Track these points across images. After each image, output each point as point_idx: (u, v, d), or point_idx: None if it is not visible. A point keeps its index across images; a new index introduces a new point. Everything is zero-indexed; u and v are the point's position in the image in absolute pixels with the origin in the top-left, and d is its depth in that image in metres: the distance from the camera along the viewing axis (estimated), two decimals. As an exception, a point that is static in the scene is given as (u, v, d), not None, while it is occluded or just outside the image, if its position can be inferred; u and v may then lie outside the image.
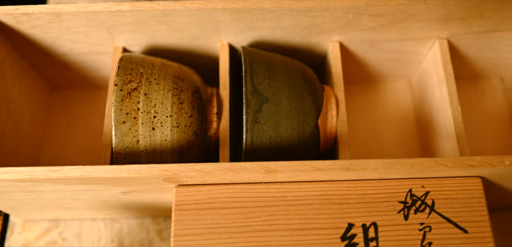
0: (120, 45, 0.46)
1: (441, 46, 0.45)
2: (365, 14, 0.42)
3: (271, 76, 0.40)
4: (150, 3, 0.41)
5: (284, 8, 0.41)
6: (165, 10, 0.41)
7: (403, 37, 0.45)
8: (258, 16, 0.42)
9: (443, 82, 0.44)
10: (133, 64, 0.41)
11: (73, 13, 0.42)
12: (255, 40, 0.45)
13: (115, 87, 0.39)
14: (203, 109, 0.42)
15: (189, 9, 0.41)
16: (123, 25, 0.43)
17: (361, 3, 0.40)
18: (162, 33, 0.44)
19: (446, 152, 0.43)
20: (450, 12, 0.41)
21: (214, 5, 0.41)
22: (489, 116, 0.52)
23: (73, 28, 0.44)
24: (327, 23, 0.43)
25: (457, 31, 0.44)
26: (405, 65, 0.50)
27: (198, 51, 0.47)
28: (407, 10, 0.41)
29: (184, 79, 0.41)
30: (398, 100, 0.52)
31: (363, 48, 0.47)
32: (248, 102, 0.38)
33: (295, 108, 0.39)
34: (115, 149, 0.39)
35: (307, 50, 0.47)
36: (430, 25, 0.43)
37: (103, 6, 0.41)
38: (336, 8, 0.41)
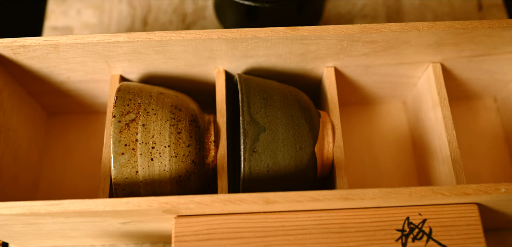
0: (117, 73, 0.47)
1: (435, 69, 0.45)
2: (359, 41, 0.42)
3: (268, 105, 0.40)
4: (147, 33, 0.42)
5: (279, 37, 0.41)
6: (161, 40, 0.42)
7: (397, 61, 0.46)
8: (253, 45, 0.43)
9: (437, 106, 0.44)
10: (130, 94, 0.41)
11: (70, 45, 0.42)
12: (251, 67, 0.46)
13: (114, 119, 0.39)
14: (200, 138, 0.42)
15: (185, 39, 0.42)
16: (120, 55, 0.44)
17: (355, 30, 0.41)
18: (159, 62, 0.45)
19: (442, 175, 0.44)
20: (442, 38, 0.42)
21: (210, 35, 0.41)
22: (484, 135, 0.52)
23: (71, 58, 0.44)
24: (322, 50, 0.44)
25: (450, 55, 0.45)
26: (400, 87, 0.50)
27: (195, 78, 0.48)
28: (400, 37, 0.42)
29: (181, 108, 0.42)
30: (393, 122, 0.53)
31: (357, 73, 0.47)
32: (245, 132, 0.39)
33: (292, 137, 0.40)
34: (114, 180, 0.39)
35: (302, 75, 0.48)
36: (423, 50, 0.44)
37: (100, 37, 0.42)
38: (330, 36, 0.41)
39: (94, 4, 0.61)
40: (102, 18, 0.60)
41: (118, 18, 0.60)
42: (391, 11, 0.59)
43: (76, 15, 0.60)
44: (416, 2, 0.59)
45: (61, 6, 0.61)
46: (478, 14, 0.58)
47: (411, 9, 0.58)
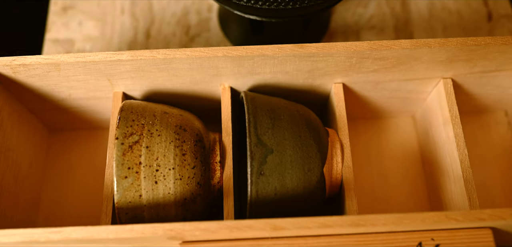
0: (120, 90, 0.46)
1: (446, 85, 0.44)
2: (368, 58, 0.41)
3: (275, 125, 0.39)
4: (150, 51, 0.41)
5: (286, 54, 0.40)
6: (165, 58, 0.41)
7: (407, 77, 0.45)
8: (259, 62, 0.41)
9: (448, 123, 0.43)
10: (134, 114, 0.40)
11: (72, 63, 0.41)
12: (257, 84, 0.45)
13: (116, 141, 0.38)
14: (206, 159, 0.41)
15: (189, 57, 0.40)
16: (122, 72, 0.43)
17: (365, 47, 0.40)
18: (162, 79, 0.44)
19: (454, 195, 0.42)
20: (454, 55, 0.41)
21: (215, 53, 0.40)
22: (495, 149, 0.51)
23: (72, 76, 0.43)
24: (330, 67, 0.42)
25: (461, 71, 0.44)
26: (409, 102, 0.49)
27: (200, 94, 0.46)
28: (411, 54, 0.41)
29: (186, 128, 0.41)
30: (403, 136, 0.52)
31: (366, 88, 0.46)
32: (252, 155, 0.38)
33: (300, 158, 0.39)
34: (117, 204, 0.38)
35: (310, 91, 0.46)
36: (434, 67, 0.43)
37: (102, 56, 0.41)
38: (339, 53, 0.40)
39: (96, 16, 0.60)
40: (104, 30, 0.59)
41: (121, 30, 0.59)
42: (399, 23, 0.57)
43: (77, 27, 0.59)
44: (424, 13, 0.58)
45: (62, 18, 0.60)
46: (487, 25, 0.57)
47: (419, 21, 0.57)
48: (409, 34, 0.57)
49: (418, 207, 0.48)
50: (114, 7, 0.60)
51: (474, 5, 0.58)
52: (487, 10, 0.58)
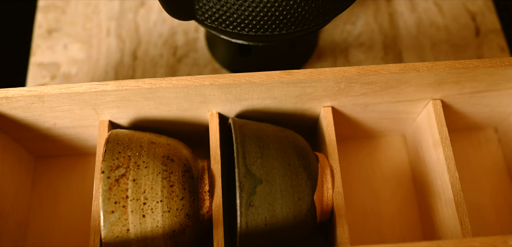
0: (106, 119, 0.45)
1: (435, 106, 0.44)
2: (357, 83, 0.41)
3: (264, 154, 0.39)
4: (135, 81, 0.40)
5: (273, 81, 0.40)
6: (151, 88, 0.40)
7: (396, 99, 0.44)
8: (247, 89, 0.41)
9: (438, 145, 0.43)
10: (120, 146, 0.39)
11: (55, 95, 0.40)
12: (245, 109, 0.44)
13: (102, 175, 0.37)
14: (194, 189, 0.40)
15: (176, 86, 0.40)
16: (108, 102, 0.42)
17: (353, 73, 0.40)
18: (149, 107, 0.43)
19: (445, 218, 0.42)
20: (443, 78, 0.41)
21: (202, 81, 0.40)
22: (485, 166, 0.51)
23: (56, 107, 0.42)
24: (319, 92, 0.42)
25: (451, 92, 0.44)
26: (399, 122, 0.49)
27: (187, 120, 0.46)
28: (399, 78, 0.40)
29: (173, 158, 0.40)
30: (393, 156, 0.51)
31: (355, 110, 0.46)
32: (241, 186, 0.37)
33: (290, 187, 0.38)
34: (104, 239, 0.37)
35: (299, 114, 0.46)
36: (423, 89, 0.42)
37: (86, 87, 0.40)
38: (327, 79, 0.40)
39: (81, 39, 0.59)
40: (90, 53, 0.58)
41: (107, 53, 0.58)
42: (387, 40, 0.57)
43: (62, 50, 0.58)
44: (412, 30, 0.58)
45: (47, 41, 0.59)
46: (475, 40, 0.57)
47: (408, 37, 0.57)
48: (398, 52, 0.56)
49: (410, 229, 0.48)
50: (100, 29, 0.59)
51: (462, 20, 0.58)
52: (475, 26, 0.58)
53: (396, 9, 0.59)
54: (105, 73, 0.57)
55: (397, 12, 0.59)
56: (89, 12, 0.60)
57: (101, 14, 0.60)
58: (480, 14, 0.58)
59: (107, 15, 0.60)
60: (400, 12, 0.59)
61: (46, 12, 0.60)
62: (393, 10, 0.59)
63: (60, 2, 0.61)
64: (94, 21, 0.60)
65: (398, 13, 0.59)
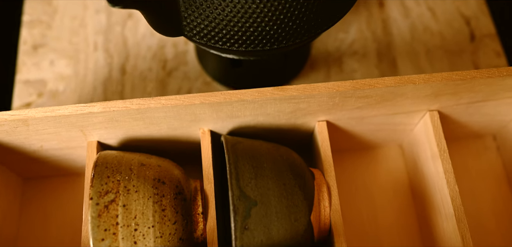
0: (94, 140, 0.43)
1: (432, 118, 0.43)
2: (352, 97, 0.40)
3: (258, 175, 0.37)
4: (123, 102, 0.39)
5: (266, 98, 0.39)
6: (139, 109, 0.38)
7: (392, 112, 0.43)
8: (239, 107, 0.40)
9: (437, 158, 0.42)
10: (108, 170, 0.38)
11: (40, 118, 0.39)
12: (238, 126, 0.43)
13: (91, 202, 0.36)
14: (187, 211, 0.39)
15: (165, 106, 0.38)
16: (95, 123, 0.40)
17: (347, 87, 0.38)
18: (138, 127, 0.42)
19: (446, 232, 0.41)
20: (440, 90, 0.40)
21: (192, 100, 0.38)
22: (485, 174, 0.50)
23: (42, 130, 0.41)
24: (313, 107, 0.41)
25: (448, 103, 0.43)
26: (396, 133, 0.48)
27: (178, 138, 0.44)
28: (395, 91, 0.39)
29: (165, 181, 0.39)
30: (391, 167, 0.50)
31: (351, 124, 0.45)
32: (235, 209, 0.36)
33: (286, 208, 0.37)
34: (94, 268, 0.36)
35: (293, 129, 0.45)
36: (420, 101, 0.41)
37: (72, 109, 0.38)
38: (321, 94, 0.39)
39: (68, 54, 0.57)
40: (77, 69, 0.56)
41: (95, 68, 0.56)
42: (381, 47, 0.56)
43: (49, 66, 0.57)
44: (406, 36, 0.57)
45: (33, 57, 0.57)
46: (470, 45, 0.56)
47: (402, 44, 0.56)
48: (392, 59, 0.55)
49: (410, 242, 0.47)
50: (87, 44, 0.58)
51: (457, 25, 0.57)
52: (470, 30, 0.57)
53: (389, 15, 0.58)
54: (93, 89, 0.55)
55: (390, 19, 0.58)
56: (75, 26, 0.59)
57: (87, 28, 0.59)
58: (474, 18, 0.57)
59: (94, 28, 0.59)
60: (393, 18, 0.58)
61: (31, 28, 0.59)
62: (386, 17, 0.58)
63: (45, 17, 0.60)
64: (80, 36, 0.58)
65: (391, 20, 0.58)
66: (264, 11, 0.37)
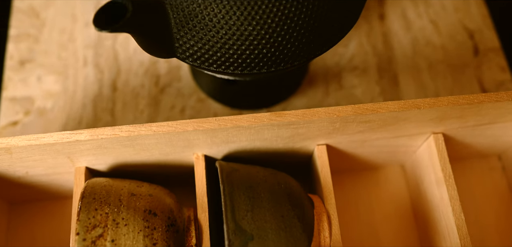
0: (82, 165, 0.41)
1: (437, 141, 0.41)
2: (353, 122, 0.38)
3: (255, 206, 0.35)
4: (112, 129, 0.36)
5: (263, 124, 0.37)
6: (129, 136, 0.36)
7: (395, 135, 0.41)
8: (234, 132, 0.38)
9: (442, 184, 0.40)
10: (96, 202, 0.36)
11: (24, 147, 0.36)
12: (233, 151, 0.41)
13: (77, 237, 0.34)
14: (180, 243, 0.37)
15: (156, 133, 0.36)
16: (82, 151, 0.38)
17: (349, 113, 0.36)
18: (129, 154, 0.40)
19: (451, 263, 0.39)
20: (446, 114, 0.38)
21: (185, 127, 0.36)
22: (489, 195, 0.48)
23: (26, 158, 0.38)
24: (312, 132, 0.39)
25: (453, 126, 0.41)
26: (398, 154, 0.46)
27: (171, 162, 0.42)
28: (398, 116, 0.37)
29: (156, 212, 0.37)
30: (392, 188, 0.48)
31: (352, 146, 0.43)
32: (231, 244, 0.34)
33: (284, 241, 0.35)
34: None
35: (291, 153, 0.43)
36: (424, 124, 0.40)
37: (57, 137, 0.36)
38: (321, 120, 0.37)
39: (56, 70, 0.55)
40: (66, 85, 0.54)
41: (84, 84, 0.54)
42: (382, 62, 0.54)
43: (36, 83, 0.54)
44: (408, 50, 0.55)
45: (20, 73, 0.55)
46: (474, 60, 0.54)
47: (403, 59, 0.54)
48: (393, 75, 0.53)
49: (412, 267, 0.45)
50: (76, 59, 0.55)
51: (460, 38, 0.55)
52: (473, 44, 0.55)
53: (390, 28, 0.56)
54: (82, 107, 0.53)
55: (391, 32, 0.56)
56: (64, 40, 0.57)
57: (77, 42, 0.57)
58: (478, 31, 0.56)
59: (84, 42, 0.56)
60: (394, 32, 0.56)
61: (18, 42, 0.57)
62: (387, 30, 0.56)
63: (33, 30, 0.57)
64: (69, 50, 0.56)
65: (392, 33, 0.56)
66: (261, 33, 0.35)
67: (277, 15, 0.35)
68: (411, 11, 0.57)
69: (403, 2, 0.58)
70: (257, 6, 0.35)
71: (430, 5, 0.58)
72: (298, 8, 0.35)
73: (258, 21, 0.35)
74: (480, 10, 0.57)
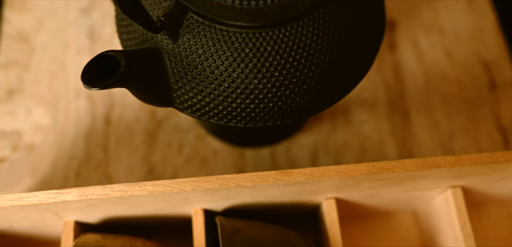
0: (71, 220, 0.38)
1: (455, 195, 0.38)
2: (367, 180, 0.35)
3: (259, 276, 0.32)
4: (103, 188, 0.33)
5: (268, 184, 0.33)
6: (121, 196, 0.33)
7: (410, 189, 0.38)
8: (237, 191, 0.34)
9: (460, 242, 0.37)
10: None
11: (6, 207, 0.33)
12: (234, 205, 0.38)
13: None
14: None
15: (151, 193, 0.33)
16: (70, 209, 0.35)
17: (362, 172, 0.33)
18: (121, 210, 0.36)
19: None
20: (467, 171, 0.35)
21: (183, 186, 0.33)
22: (506, 244, 0.45)
23: (10, 215, 0.35)
24: (321, 189, 0.36)
25: (473, 181, 0.38)
26: (411, 203, 0.43)
27: (167, 216, 0.39)
28: (416, 174, 0.34)
29: (151, 279, 0.34)
30: (403, 236, 0.45)
31: (362, 199, 0.40)
32: None
33: None
34: None
35: (297, 206, 0.40)
36: (442, 180, 0.37)
37: (43, 197, 0.33)
38: (332, 179, 0.34)
39: (46, 101, 0.52)
40: (57, 118, 0.51)
41: (76, 117, 0.51)
42: (393, 95, 0.51)
43: (25, 115, 0.51)
44: (420, 83, 0.52)
45: (7, 105, 0.51)
46: (490, 95, 0.51)
47: (415, 93, 0.51)
48: (405, 111, 0.50)
49: None
50: (68, 90, 0.52)
51: (475, 71, 0.52)
52: (489, 77, 0.52)
53: (401, 59, 0.53)
54: (74, 142, 0.50)
55: (402, 63, 0.53)
56: (55, 68, 0.53)
57: (69, 71, 0.53)
58: (494, 63, 0.52)
59: (76, 71, 0.53)
60: (405, 63, 0.53)
61: (6, 69, 0.53)
62: (398, 61, 0.53)
63: (22, 57, 0.54)
64: (60, 80, 0.53)
65: (404, 64, 0.53)
66: (268, 87, 0.32)
67: (285, 67, 0.32)
68: (423, 40, 0.54)
69: (415, 30, 0.55)
70: (264, 58, 0.31)
71: (444, 34, 0.54)
72: (309, 59, 0.32)
73: (264, 74, 0.32)
74: (497, 40, 0.54)
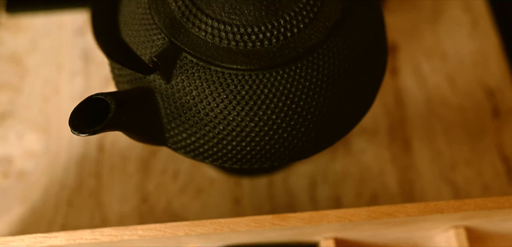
0: (61, 258, 0.37)
1: (458, 237, 0.37)
2: (367, 224, 0.33)
3: None
4: (92, 232, 0.32)
5: (264, 229, 0.32)
6: (111, 241, 0.32)
7: (411, 229, 0.37)
8: (232, 235, 0.33)
9: (463, 286, 0.36)
10: None
11: (-8, 251, 0.32)
12: (230, 243, 0.37)
13: None
14: None
15: (142, 238, 0.32)
16: None
17: (362, 217, 0.32)
18: None
19: None
20: (471, 215, 0.33)
21: (175, 231, 0.32)
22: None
23: (-4, 256, 0.34)
24: (320, 231, 0.35)
25: (477, 222, 0.36)
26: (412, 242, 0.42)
27: (161, 252, 0.38)
28: (417, 218, 0.33)
29: None
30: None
31: (363, 238, 0.39)
32: None
33: None
34: None
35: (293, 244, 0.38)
36: (445, 223, 0.35)
37: (29, 241, 0.32)
38: (330, 224, 0.32)
39: (38, 126, 0.50)
40: (49, 144, 0.50)
41: (69, 143, 0.50)
42: (394, 123, 0.50)
43: (16, 141, 0.50)
44: (422, 110, 0.50)
45: (-1, 129, 0.50)
46: (493, 123, 0.50)
47: (417, 120, 0.50)
48: (406, 139, 0.49)
49: None
50: (60, 114, 0.51)
51: (478, 97, 0.51)
52: (492, 104, 0.50)
53: (403, 84, 0.52)
54: (66, 170, 0.48)
55: (404, 89, 0.51)
56: (47, 92, 0.52)
57: (62, 95, 0.52)
58: (498, 90, 0.51)
59: (69, 95, 0.52)
60: (407, 89, 0.51)
61: (-2, 92, 0.52)
62: (400, 86, 0.52)
63: (15, 79, 0.53)
64: (53, 103, 0.51)
65: (405, 90, 0.51)
66: (264, 129, 0.31)
67: (282, 110, 0.30)
68: (425, 65, 0.53)
69: (417, 54, 0.53)
70: (260, 100, 0.30)
71: (446, 59, 0.53)
72: (307, 102, 0.31)
73: (260, 117, 0.30)
74: (500, 65, 0.53)
